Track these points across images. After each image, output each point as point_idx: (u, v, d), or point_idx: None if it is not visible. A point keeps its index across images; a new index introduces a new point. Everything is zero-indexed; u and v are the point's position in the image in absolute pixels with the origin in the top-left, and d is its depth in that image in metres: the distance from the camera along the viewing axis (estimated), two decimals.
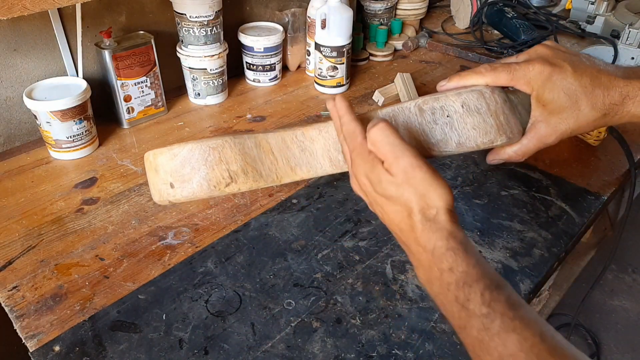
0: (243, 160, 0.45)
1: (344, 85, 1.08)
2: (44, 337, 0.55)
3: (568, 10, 1.36)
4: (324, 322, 0.57)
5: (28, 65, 0.85)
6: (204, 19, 0.92)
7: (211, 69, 0.98)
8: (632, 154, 0.83)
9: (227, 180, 0.45)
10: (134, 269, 0.64)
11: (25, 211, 0.73)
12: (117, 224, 0.71)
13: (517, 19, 1.24)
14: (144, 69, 0.91)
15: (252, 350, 0.54)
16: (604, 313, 1.68)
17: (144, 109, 0.94)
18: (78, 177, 0.80)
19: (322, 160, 0.50)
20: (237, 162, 0.45)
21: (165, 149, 0.46)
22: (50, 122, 0.79)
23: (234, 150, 0.45)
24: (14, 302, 0.59)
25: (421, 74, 1.18)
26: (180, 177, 0.45)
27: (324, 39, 1.01)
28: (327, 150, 0.49)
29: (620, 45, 1.14)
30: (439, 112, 0.45)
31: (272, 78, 1.11)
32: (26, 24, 0.82)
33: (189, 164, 0.45)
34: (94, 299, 0.59)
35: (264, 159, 0.47)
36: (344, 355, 0.53)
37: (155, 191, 0.49)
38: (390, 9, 1.29)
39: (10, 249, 0.66)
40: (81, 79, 0.85)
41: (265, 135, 0.47)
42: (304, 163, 0.49)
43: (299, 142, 0.49)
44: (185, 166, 0.45)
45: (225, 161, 0.45)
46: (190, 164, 0.45)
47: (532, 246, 0.68)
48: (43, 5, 0.57)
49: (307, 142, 0.49)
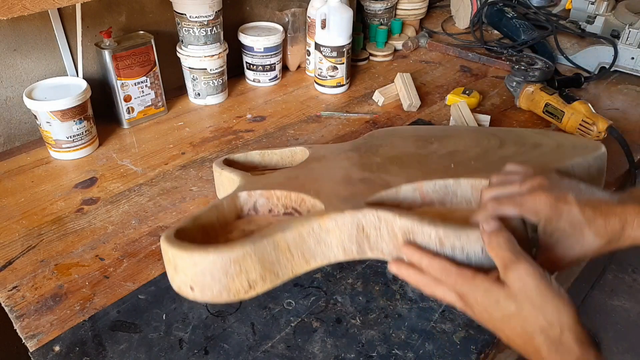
0: (262, 267, 0.46)
1: (344, 85, 1.08)
2: (44, 337, 0.55)
3: (568, 10, 1.36)
4: (324, 322, 0.57)
5: (28, 65, 0.85)
6: (204, 19, 0.92)
7: (211, 69, 0.98)
8: (632, 154, 0.83)
9: (246, 288, 0.46)
10: (134, 269, 0.64)
11: (25, 211, 0.73)
12: (117, 224, 0.71)
13: (517, 19, 1.24)
14: (144, 69, 0.91)
15: (252, 350, 0.54)
16: (604, 313, 1.68)
17: (144, 109, 0.94)
18: (78, 177, 0.80)
19: (337, 250, 0.50)
20: (256, 270, 0.46)
21: (185, 252, 0.46)
22: (50, 122, 0.79)
23: (254, 260, 0.46)
24: (14, 302, 0.59)
25: (421, 74, 1.18)
26: (201, 283, 0.46)
27: (324, 39, 1.01)
28: (342, 241, 0.50)
29: (620, 45, 1.14)
30: (459, 250, 0.45)
31: (272, 78, 1.11)
32: (26, 24, 0.82)
33: (210, 274, 0.45)
34: (94, 299, 0.59)
35: (280, 259, 0.48)
36: (344, 355, 0.53)
37: (174, 282, 0.49)
38: (390, 9, 1.29)
39: (10, 249, 0.66)
40: (81, 79, 0.85)
41: (283, 234, 0.48)
42: (318, 255, 0.50)
43: (315, 235, 0.49)
44: (206, 275, 0.45)
45: (245, 271, 0.46)
46: (211, 274, 0.45)
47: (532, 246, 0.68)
48: (43, 5, 0.57)
49: (323, 234, 0.49)
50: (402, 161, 0.63)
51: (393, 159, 0.64)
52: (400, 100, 1.03)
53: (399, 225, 0.48)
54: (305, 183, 0.58)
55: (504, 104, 1.04)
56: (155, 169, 0.82)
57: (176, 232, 0.49)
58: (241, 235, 0.55)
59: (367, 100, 1.06)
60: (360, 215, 0.49)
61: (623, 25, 1.16)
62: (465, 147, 0.65)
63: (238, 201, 0.58)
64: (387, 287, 0.61)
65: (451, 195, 0.55)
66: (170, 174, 0.81)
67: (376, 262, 0.65)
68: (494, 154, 0.61)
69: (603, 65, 1.14)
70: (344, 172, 0.61)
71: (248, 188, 0.59)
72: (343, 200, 0.52)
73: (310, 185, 0.57)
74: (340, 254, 0.50)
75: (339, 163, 0.65)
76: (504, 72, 1.17)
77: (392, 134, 0.80)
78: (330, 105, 1.04)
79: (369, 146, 0.72)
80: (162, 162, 0.84)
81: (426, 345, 0.55)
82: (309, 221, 0.49)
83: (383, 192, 0.54)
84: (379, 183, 0.56)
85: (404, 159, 0.64)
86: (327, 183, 0.58)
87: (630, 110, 1.02)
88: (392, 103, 1.04)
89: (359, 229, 0.50)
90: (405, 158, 0.64)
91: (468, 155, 0.62)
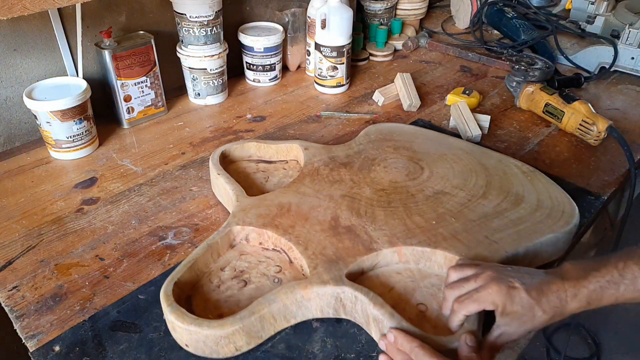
0: (248, 337, 0.53)
1: (344, 85, 1.08)
2: (44, 337, 0.55)
3: (568, 10, 1.36)
4: (324, 322, 0.57)
5: (28, 65, 0.85)
6: (204, 19, 0.92)
7: (211, 69, 0.98)
8: (632, 154, 0.83)
9: (233, 352, 0.53)
10: (134, 269, 0.64)
11: (25, 211, 0.73)
12: (117, 224, 0.71)
13: (517, 19, 1.24)
14: (144, 69, 0.91)
15: (252, 350, 0.54)
16: (604, 313, 1.68)
17: (144, 109, 0.94)
18: (78, 177, 0.80)
19: (315, 312, 0.57)
20: (242, 339, 0.53)
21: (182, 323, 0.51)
22: (50, 122, 0.79)
23: (241, 334, 0.52)
24: (14, 302, 0.59)
25: (421, 74, 1.18)
26: (194, 345, 0.53)
27: (324, 39, 1.01)
28: (321, 307, 0.56)
29: (620, 45, 1.14)
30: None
31: (272, 78, 1.11)
32: (26, 24, 0.82)
33: (203, 342, 0.52)
34: (94, 299, 0.59)
35: (265, 326, 0.54)
36: (344, 355, 0.53)
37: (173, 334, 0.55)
38: (390, 9, 1.29)
39: (10, 249, 0.66)
40: (81, 79, 0.85)
41: (270, 309, 0.53)
42: (299, 316, 0.56)
43: (298, 302, 0.55)
44: (199, 342, 0.52)
45: (233, 342, 0.52)
46: (204, 342, 0.52)
47: None
48: (43, 5, 0.57)
49: (305, 302, 0.55)
50: (389, 202, 0.68)
51: (382, 195, 0.70)
52: (400, 100, 1.03)
53: (371, 311, 0.54)
54: (295, 223, 0.64)
55: (504, 104, 1.04)
56: (155, 169, 0.82)
57: (174, 285, 0.55)
58: (233, 274, 0.61)
59: (367, 100, 1.06)
60: (339, 290, 0.55)
61: (623, 25, 1.16)
62: (452, 188, 0.71)
63: (232, 234, 0.64)
64: None
65: (425, 260, 0.62)
66: (170, 174, 0.81)
67: None
68: (475, 207, 0.67)
69: (603, 65, 1.14)
70: (333, 213, 0.66)
71: (241, 217, 0.65)
72: (327, 268, 0.57)
73: (300, 229, 0.63)
74: (317, 314, 0.57)
75: (330, 193, 0.70)
76: (504, 72, 1.17)
77: (389, 136, 0.83)
78: (330, 105, 1.04)
79: (363, 160, 0.77)
80: (162, 162, 0.84)
81: None
82: (294, 292, 0.54)
83: (365, 257, 0.60)
84: (363, 240, 0.62)
85: (392, 197, 0.69)
86: (316, 231, 0.63)
87: (630, 110, 1.02)
88: (392, 103, 1.04)
89: (337, 300, 0.56)
90: (393, 197, 0.69)
91: (452, 203, 0.68)
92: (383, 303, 0.53)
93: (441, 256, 0.61)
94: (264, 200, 0.68)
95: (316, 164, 0.75)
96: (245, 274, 0.61)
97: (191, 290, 0.58)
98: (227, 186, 0.70)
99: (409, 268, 0.62)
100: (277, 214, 0.65)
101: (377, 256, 0.61)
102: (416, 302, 0.58)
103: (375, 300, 0.53)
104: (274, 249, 0.64)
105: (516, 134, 0.94)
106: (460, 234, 0.63)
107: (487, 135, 0.93)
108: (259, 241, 0.65)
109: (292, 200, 0.68)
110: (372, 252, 0.60)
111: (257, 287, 0.59)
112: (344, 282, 0.56)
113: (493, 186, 0.71)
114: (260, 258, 0.63)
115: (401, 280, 0.61)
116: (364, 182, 0.72)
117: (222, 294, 0.58)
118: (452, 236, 0.62)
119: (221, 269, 0.62)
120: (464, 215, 0.66)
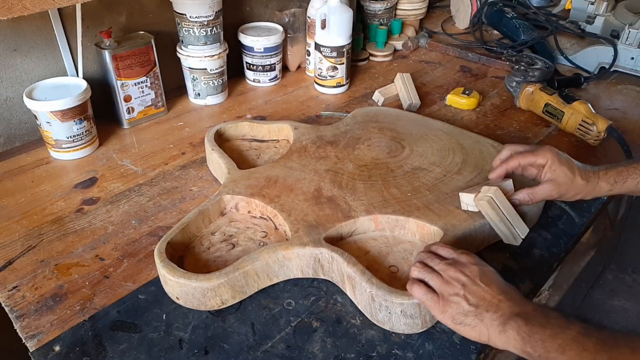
0: (232, 291, 0.57)
1: (344, 86, 1.08)
2: (44, 337, 0.55)
3: (568, 11, 1.36)
4: (324, 322, 0.57)
5: (28, 65, 0.85)
6: (204, 19, 0.92)
7: (211, 69, 0.98)
8: (632, 154, 0.83)
9: (219, 304, 0.57)
10: (134, 269, 0.64)
11: (25, 211, 0.73)
12: (117, 224, 0.71)
13: (517, 19, 1.24)
14: (144, 69, 0.91)
15: (252, 350, 0.54)
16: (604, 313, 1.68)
17: (144, 109, 0.94)
18: (78, 177, 0.80)
19: (295, 271, 0.61)
20: (227, 293, 0.57)
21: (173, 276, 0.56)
22: (51, 122, 0.79)
23: (227, 287, 0.57)
24: (14, 302, 0.59)
25: (421, 74, 1.18)
26: (184, 297, 0.57)
27: (324, 39, 1.01)
28: (301, 267, 0.61)
29: (620, 45, 1.14)
30: (385, 308, 0.55)
31: (272, 78, 1.11)
32: (26, 24, 0.82)
33: (192, 294, 0.56)
34: (94, 299, 0.59)
35: (249, 282, 0.58)
36: (344, 355, 0.53)
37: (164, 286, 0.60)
38: (390, 9, 1.29)
39: (10, 249, 0.66)
40: (81, 79, 0.85)
41: (253, 266, 0.57)
42: (280, 275, 0.61)
43: (279, 262, 0.59)
44: (188, 294, 0.57)
45: (219, 295, 0.57)
46: (192, 294, 0.56)
47: (531, 246, 0.68)
48: (43, 5, 0.57)
49: (286, 262, 0.60)
50: (370, 176, 0.73)
51: (363, 170, 0.74)
52: (400, 101, 1.03)
53: (345, 270, 0.57)
54: (281, 193, 0.69)
55: (503, 104, 1.04)
56: (155, 169, 0.82)
57: (167, 245, 0.60)
58: (222, 238, 0.66)
59: (367, 100, 1.06)
60: (317, 251, 0.60)
61: (623, 25, 1.16)
62: (429, 165, 0.76)
63: (222, 202, 0.69)
64: None
65: (400, 228, 0.67)
66: (170, 174, 0.81)
67: None
68: (449, 182, 0.72)
69: (603, 65, 1.15)
70: (316, 186, 0.71)
71: (232, 187, 0.70)
72: (307, 232, 0.62)
73: (285, 198, 0.68)
74: (298, 274, 0.61)
75: (315, 168, 0.74)
76: (503, 72, 1.17)
77: (375, 118, 0.88)
78: (330, 105, 1.04)
79: (348, 139, 0.82)
80: (162, 162, 0.84)
81: (426, 345, 0.55)
82: (276, 252, 0.59)
83: (343, 223, 0.64)
84: (342, 209, 0.66)
85: (373, 172, 0.74)
86: (299, 200, 0.67)
87: (630, 110, 1.02)
88: (392, 103, 1.04)
89: (315, 260, 0.60)
90: (374, 172, 0.74)
91: (428, 178, 0.73)
92: (356, 262, 0.57)
93: (414, 224, 0.66)
94: (254, 173, 0.73)
95: (304, 142, 0.80)
96: (234, 238, 0.66)
97: (184, 251, 0.64)
98: (220, 160, 0.75)
99: (384, 235, 0.67)
100: (264, 185, 0.70)
101: (354, 223, 0.65)
102: (389, 264, 0.63)
103: (349, 260, 0.57)
104: (261, 217, 0.69)
105: (516, 134, 0.94)
106: (433, 205, 0.67)
107: (487, 135, 0.93)
108: (248, 210, 0.70)
109: (280, 174, 0.73)
110: (350, 219, 0.65)
111: (244, 249, 0.64)
112: (322, 244, 0.60)
113: (468, 163, 0.76)
114: (248, 225, 0.68)
115: (376, 245, 0.65)
116: (347, 158, 0.77)
117: (212, 255, 0.64)
118: (425, 206, 0.67)
119: (212, 233, 0.67)
120: (438, 189, 0.71)
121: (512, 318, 0.48)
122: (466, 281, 0.52)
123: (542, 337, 0.46)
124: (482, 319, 0.50)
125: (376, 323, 0.57)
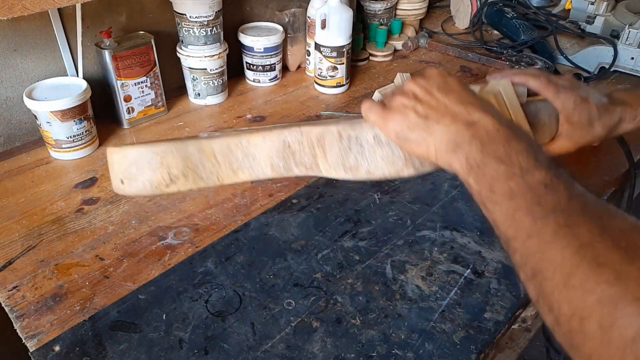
0: (184, 165, 0.50)
1: (344, 86, 1.08)
2: (44, 337, 0.55)
3: (568, 10, 1.36)
4: (324, 322, 0.57)
5: (28, 65, 0.85)
6: (204, 19, 0.92)
7: (211, 69, 0.98)
8: (632, 154, 0.83)
9: (167, 182, 0.50)
10: (134, 269, 0.64)
11: (25, 211, 0.73)
12: (117, 224, 0.71)
13: (517, 19, 1.24)
14: (144, 69, 0.91)
15: (252, 350, 0.54)
16: None
17: (144, 109, 0.94)
18: (78, 177, 0.80)
19: (264, 165, 0.53)
20: (177, 167, 0.50)
21: (120, 149, 0.51)
22: (51, 122, 0.79)
23: (176, 156, 0.50)
24: (14, 302, 0.59)
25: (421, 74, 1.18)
26: (128, 175, 0.51)
27: (324, 39, 1.01)
28: (270, 157, 0.53)
29: (620, 46, 1.14)
30: (354, 140, 0.50)
31: (272, 78, 1.11)
32: (26, 24, 0.82)
33: (135, 165, 0.50)
34: (94, 299, 0.59)
35: (205, 164, 0.51)
36: (344, 355, 0.53)
37: (113, 181, 0.54)
38: (390, 9, 1.29)
39: (10, 249, 0.66)
40: (81, 79, 0.85)
41: (210, 141, 0.51)
42: (246, 167, 0.53)
43: (243, 148, 0.52)
44: (132, 167, 0.50)
45: (166, 165, 0.50)
46: (136, 166, 0.50)
47: None
48: (43, 5, 0.57)
49: (251, 148, 0.53)
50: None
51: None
52: None
53: (314, 133, 0.52)
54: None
55: None
56: None
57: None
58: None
59: None
60: (286, 132, 0.53)
61: (623, 26, 1.16)
62: None
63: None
64: (387, 287, 0.61)
65: None
66: None
67: (376, 262, 0.65)
68: None
69: (603, 65, 1.14)
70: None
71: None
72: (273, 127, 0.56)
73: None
74: (268, 170, 0.53)
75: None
76: None
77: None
78: (330, 106, 1.04)
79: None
80: None
81: (426, 345, 0.55)
82: (239, 136, 0.52)
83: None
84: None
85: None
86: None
87: None
88: None
89: (285, 145, 0.53)
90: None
91: None
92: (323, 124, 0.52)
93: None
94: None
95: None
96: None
97: None
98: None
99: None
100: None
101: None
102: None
103: (316, 124, 0.52)
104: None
105: None
106: None
107: None
108: None
109: None
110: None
111: None
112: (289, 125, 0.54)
113: None
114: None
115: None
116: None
117: None
118: None
119: None
120: None
121: (466, 139, 0.41)
122: (419, 92, 0.45)
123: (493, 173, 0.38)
124: (432, 132, 0.43)
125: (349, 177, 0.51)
